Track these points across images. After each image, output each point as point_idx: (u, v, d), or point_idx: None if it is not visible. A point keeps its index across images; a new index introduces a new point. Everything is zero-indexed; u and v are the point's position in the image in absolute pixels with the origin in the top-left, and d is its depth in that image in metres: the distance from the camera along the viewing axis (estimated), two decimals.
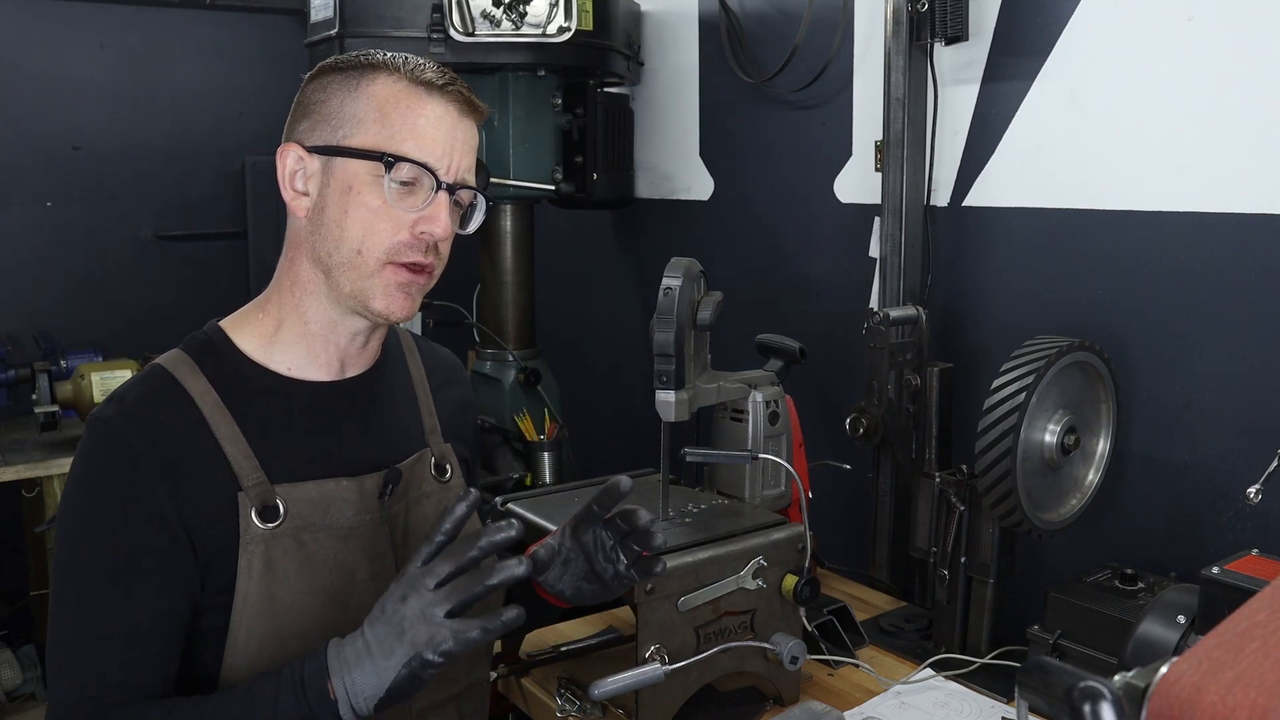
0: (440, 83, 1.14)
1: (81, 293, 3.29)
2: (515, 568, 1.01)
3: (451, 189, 1.14)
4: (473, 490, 1.06)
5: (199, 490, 1.10)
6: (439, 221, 1.13)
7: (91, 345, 3.07)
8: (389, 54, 1.16)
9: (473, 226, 1.22)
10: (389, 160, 1.11)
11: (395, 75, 1.13)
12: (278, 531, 1.12)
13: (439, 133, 1.13)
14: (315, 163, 1.15)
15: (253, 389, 1.17)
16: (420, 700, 1.23)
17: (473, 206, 1.21)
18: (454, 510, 1.03)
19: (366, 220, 1.12)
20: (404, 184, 1.12)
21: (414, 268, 1.15)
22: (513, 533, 1.01)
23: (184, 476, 1.10)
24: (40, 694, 3.01)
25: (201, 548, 1.10)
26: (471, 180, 1.18)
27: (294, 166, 1.16)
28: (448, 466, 1.31)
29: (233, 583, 1.10)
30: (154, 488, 1.08)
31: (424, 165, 1.12)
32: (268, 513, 1.12)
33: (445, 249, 1.19)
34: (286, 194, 1.17)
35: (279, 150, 1.17)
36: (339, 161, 1.13)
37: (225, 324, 1.22)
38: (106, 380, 2.74)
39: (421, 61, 1.15)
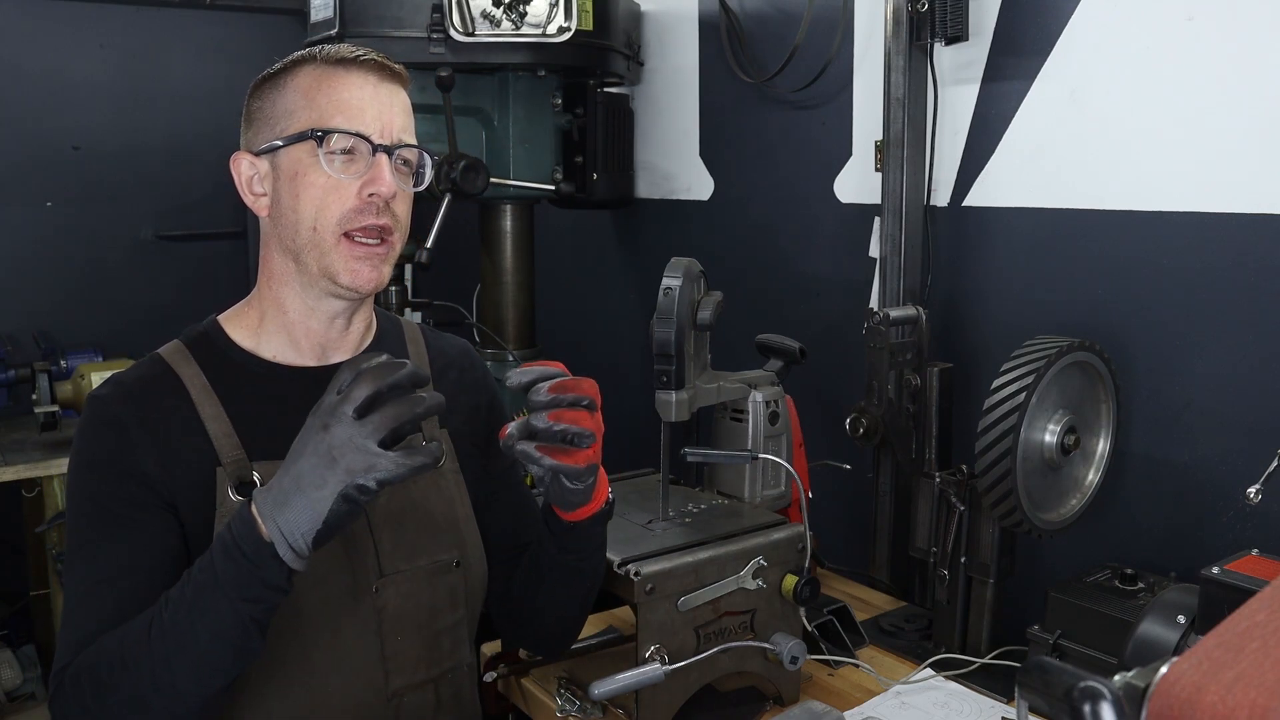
0: (352, 56, 1.19)
1: (81, 293, 3.29)
2: (440, 395, 1.04)
3: (390, 150, 1.19)
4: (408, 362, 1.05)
5: (182, 464, 1.17)
6: (383, 180, 1.17)
7: (91, 345, 3.07)
8: (310, 49, 1.22)
9: (424, 183, 1.26)
10: (318, 135, 1.16)
11: (313, 63, 1.20)
12: None
13: (363, 100, 1.18)
14: (264, 164, 1.22)
15: (240, 374, 1.24)
16: (396, 680, 1.26)
17: (421, 165, 1.25)
18: (384, 357, 1.04)
19: (316, 198, 1.17)
20: (344, 154, 1.17)
21: (370, 233, 1.18)
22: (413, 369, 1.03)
23: (169, 451, 1.16)
24: (40, 694, 3.01)
25: (184, 518, 1.17)
26: (410, 139, 1.22)
27: (248, 173, 1.24)
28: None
29: None
30: (142, 457, 1.15)
31: (355, 133, 1.17)
32: (244, 488, 1.17)
33: (401, 210, 1.22)
34: (247, 199, 1.24)
35: (231, 161, 1.25)
36: (282, 154, 1.19)
37: (221, 318, 1.30)
38: None
39: (336, 45, 1.21)
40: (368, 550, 1.24)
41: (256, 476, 1.18)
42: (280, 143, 1.19)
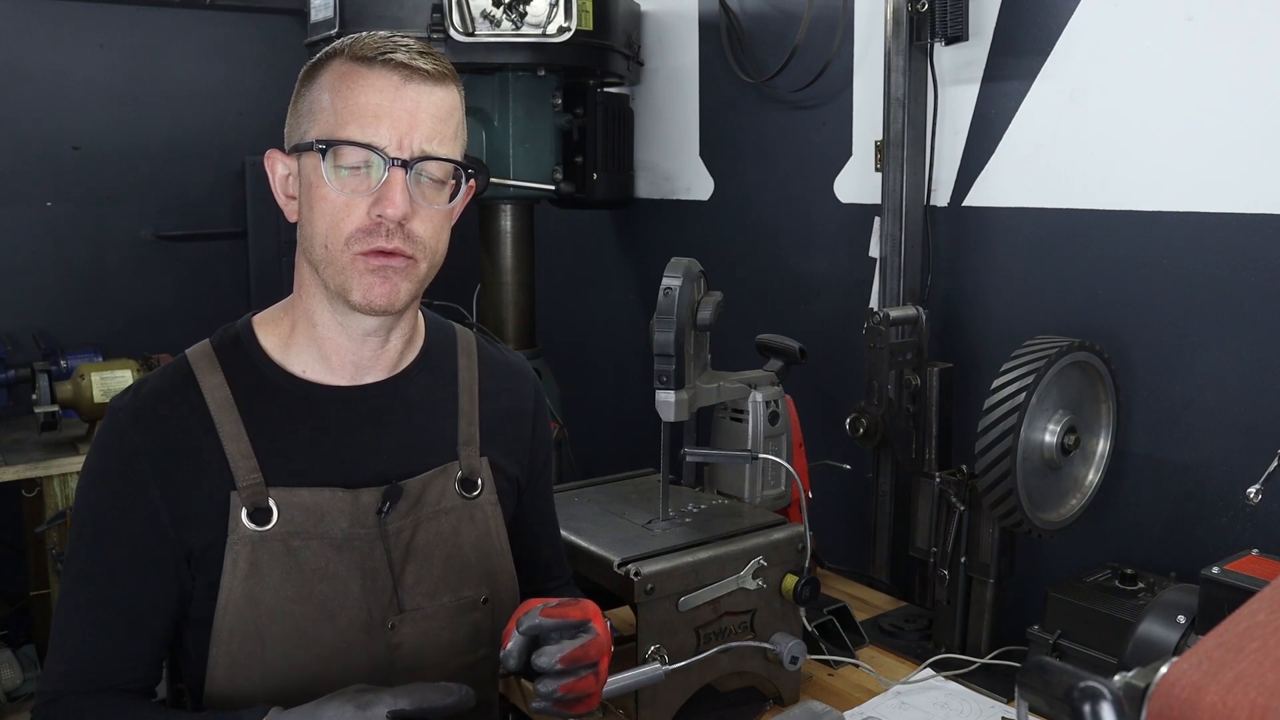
0: (373, 54, 1.07)
1: (81, 293, 3.29)
2: None
3: (407, 164, 1.07)
4: (468, 690, 1.03)
5: (194, 487, 1.12)
6: (391, 202, 1.06)
7: (91, 345, 3.06)
8: (352, 36, 1.12)
9: (456, 200, 1.13)
10: (320, 148, 1.07)
11: (341, 58, 1.09)
12: (267, 534, 1.12)
13: (380, 106, 1.06)
14: (294, 163, 1.13)
15: (267, 389, 1.16)
16: None
17: (457, 177, 1.13)
18: (450, 693, 1.02)
19: (328, 213, 1.08)
20: (352, 169, 1.07)
21: (384, 253, 1.08)
22: None
23: (180, 473, 1.12)
24: None
25: (193, 543, 1.12)
26: (439, 150, 1.09)
27: (282, 172, 1.15)
28: (478, 481, 1.25)
29: (219, 579, 1.12)
30: (146, 484, 1.11)
31: (365, 145, 1.06)
32: (259, 515, 1.12)
33: (422, 230, 1.10)
34: (279, 200, 1.16)
35: (265, 158, 1.16)
36: (303, 158, 1.11)
37: (256, 320, 1.21)
38: (106, 380, 2.74)
39: (373, 36, 1.10)
40: (386, 585, 1.17)
41: (272, 503, 1.12)
42: (300, 145, 1.11)
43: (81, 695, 1.12)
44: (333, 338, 1.16)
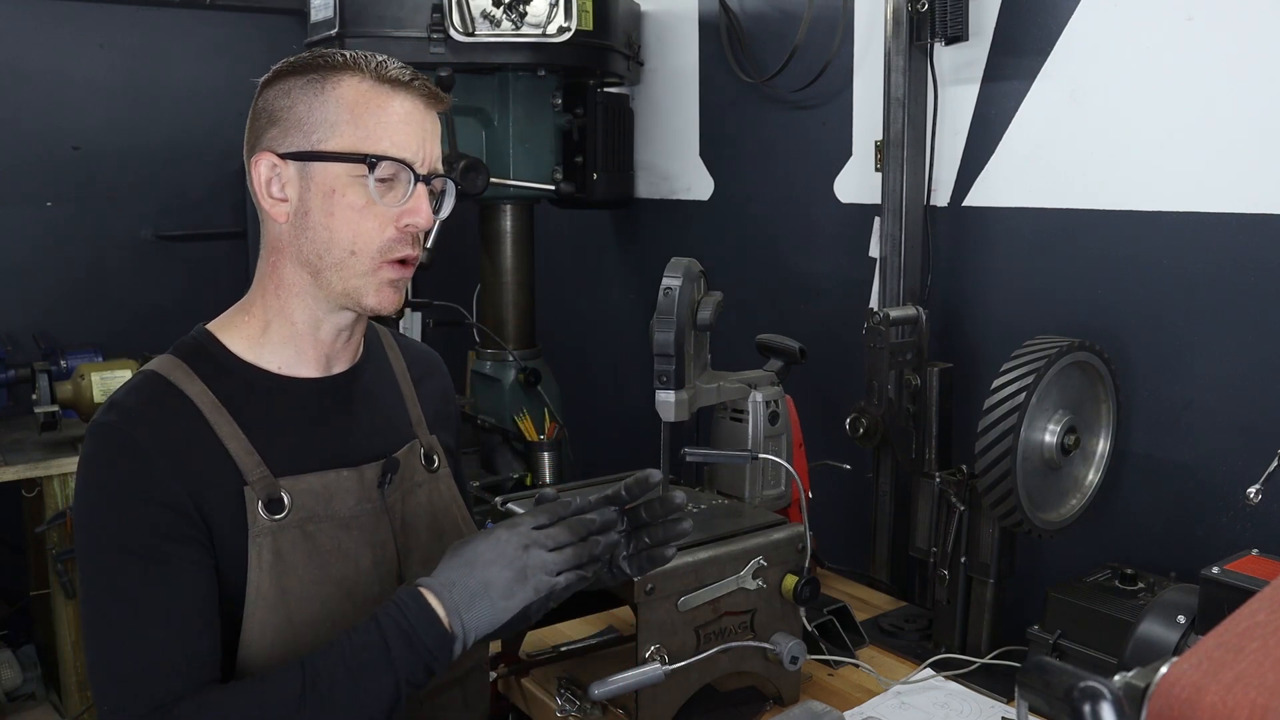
0: (405, 79, 1.17)
1: (81, 293, 3.29)
2: (613, 538, 1.18)
3: (427, 179, 1.19)
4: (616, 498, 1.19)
5: (207, 487, 1.13)
6: (421, 213, 1.17)
7: (91, 345, 3.07)
8: (348, 54, 1.17)
9: (445, 211, 1.27)
10: (371, 160, 1.13)
11: (360, 75, 1.15)
12: (284, 523, 1.16)
13: (410, 127, 1.17)
14: (290, 169, 1.16)
15: (247, 388, 1.20)
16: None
17: (443, 192, 1.26)
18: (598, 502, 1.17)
19: (353, 220, 1.15)
20: (383, 181, 1.16)
21: (403, 262, 1.19)
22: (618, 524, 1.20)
23: (193, 474, 1.12)
24: (40, 693, 3.02)
25: (215, 543, 1.13)
26: (441, 168, 1.23)
27: (269, 174, 1.17)
28: (435, 457, 1.35)
29: (243, 576, 1.13)
30: (168, 482, 1.10)
31: (403, 161, 1.15)
32: (273, 505, 1.15)
33: (425, 237, 1.25)
34: (264, 202, 1.18)
35: (251, 160, 1.18)
36: (317, 166, 1.15)
37: (213, 327, 1.24)
38: (106, 380, 2.75)
39: (382, 59, 1.18)
40: (392, 557, 1.24)
41: (284, 493, 1.15)
42: (318, 154, 1.14)
43: (193, 695, 1.06)
44: (310, 334, 1.23)
